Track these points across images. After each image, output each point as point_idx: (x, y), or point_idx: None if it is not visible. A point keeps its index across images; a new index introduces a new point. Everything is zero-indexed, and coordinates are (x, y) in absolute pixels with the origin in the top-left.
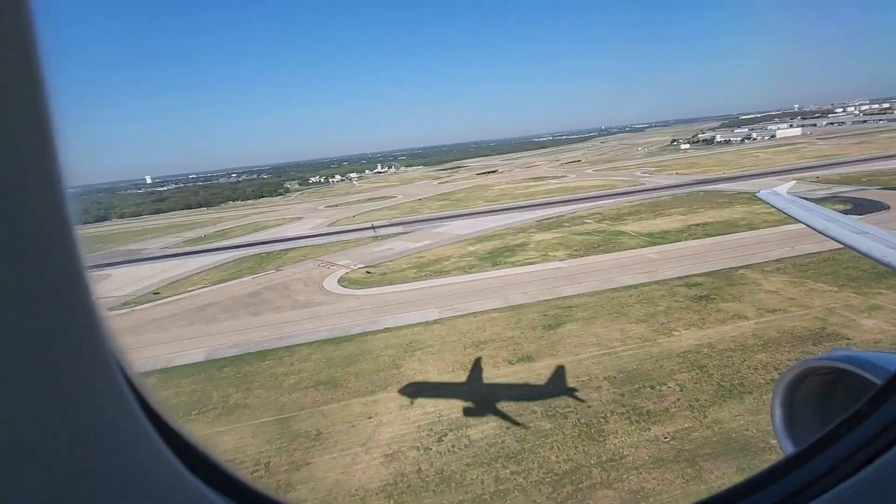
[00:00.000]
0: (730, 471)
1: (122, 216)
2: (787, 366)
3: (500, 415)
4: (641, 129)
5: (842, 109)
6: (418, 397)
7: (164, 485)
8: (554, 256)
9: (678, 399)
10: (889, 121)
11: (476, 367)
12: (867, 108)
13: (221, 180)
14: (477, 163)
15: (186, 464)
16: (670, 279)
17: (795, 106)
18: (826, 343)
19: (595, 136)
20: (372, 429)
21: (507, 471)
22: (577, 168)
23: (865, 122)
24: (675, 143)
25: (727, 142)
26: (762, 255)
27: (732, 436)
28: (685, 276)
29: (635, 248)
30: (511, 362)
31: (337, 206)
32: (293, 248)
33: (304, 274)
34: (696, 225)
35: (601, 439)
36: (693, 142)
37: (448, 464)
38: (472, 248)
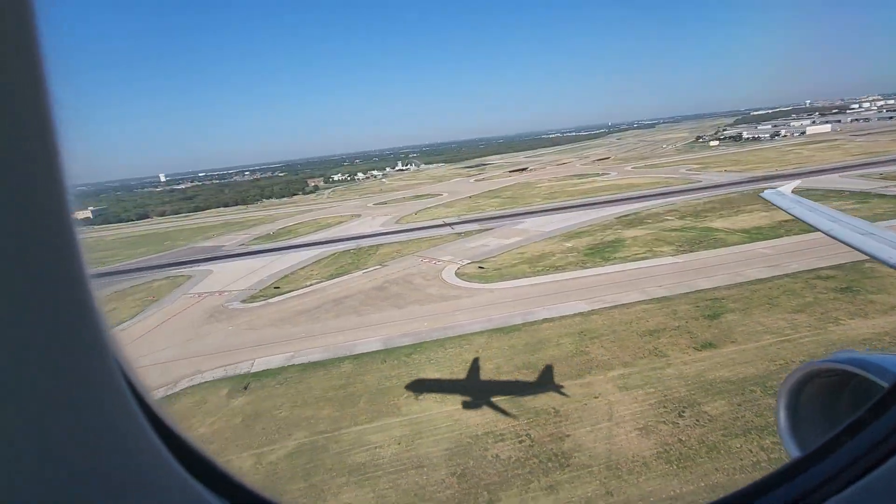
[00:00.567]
0: None
1: (161, 214)
2: None
3: (727, 394)
4: (651, 126)
5: (857, 105)
6: (627, 379)
7: (163, 486)
8: (661, 252)
9: None
10: None
11: (661, 353)
12: (882, 103)
13: (236, 178)
14: (499, 160)
15: (185, 465)
16: (798, 272)
17: (807, 102)
18: None
19: (605, 133)
20: (606, 406)
21: (768, 441)
22: (610, 165)
23: (892, 118)
24: (699, 139)
25: (755, 138)
26: None
27: None
28: (812, 270)
29: (739, 243)
30: (696, 349)
31: (386, 203)
32: (379, 245)
33: (414, 269)
34: (785, 221)
35: None
36: (719, 138)
37: (704, 435)
38: (569, 245)
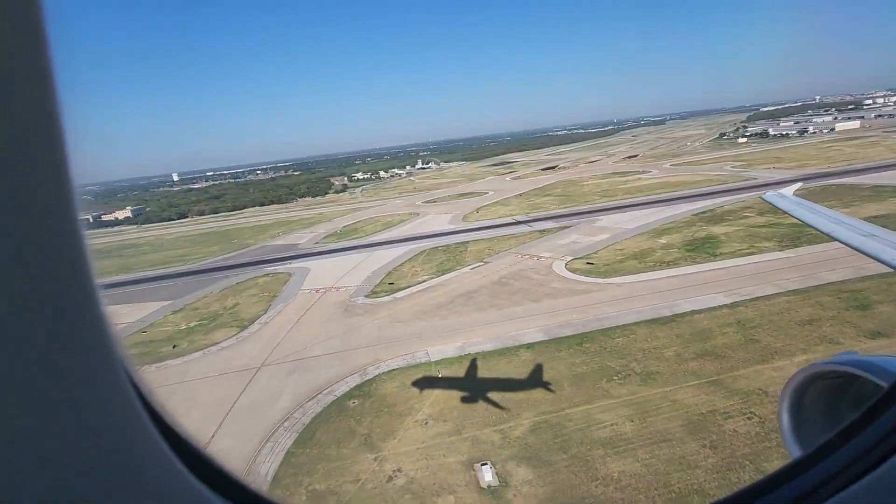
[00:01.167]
0: None
1: (200, 213)
2: None
3: None
4: (660, 122)
5: (870, 101)
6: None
7: (166, 486)
8: (765, 248)
9: None
10: None
11: (833, 341)
12: None
13: (250, 177)
14: (521, 158)
15: (188, 465)
16: None
17: (817, 97)
18: None
19: (614, 130)
20: None
21: None
22: (645, 163)
23: None
24: (723, 136)
25: (784, 135)
26: None
27: None
28: None
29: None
30: (867, 336)
31: (435, 202)
32: (465, 243)
33: (519, 265)
34: (876, 217)
35: None
36: (744, 135)
37: None
38: (663, 241)
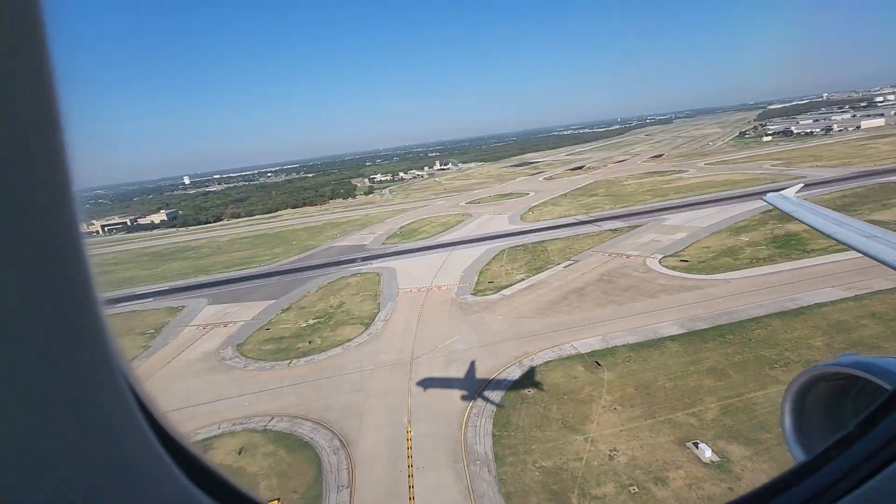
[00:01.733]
0: None
1: (236, 216)
2: None
3: None
4: (667, 121)
5: (881, 98)
6: None
7: (161, 490)
8: None
9: None
10: None
11: None
12: None
13: (261, 179)
14: (542, 158)
15: (183, 469)
16: None
17: (824, 94)
18: None
19: (623, 129)
20: None
21: None
22: (676, 162)
23: None
24: (744, 134)
25: (809, 133)
26: None
27: None
28: None
29: None
30: None
31: (479, 202)
32: (541, 242)
33: (613, 263)
34: None
35: None
36: (767, 133)
37: None
38: (746, 239)
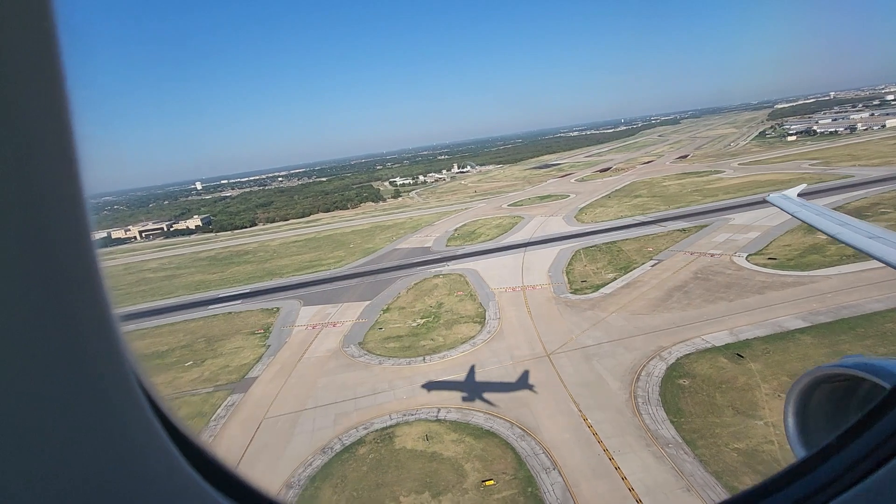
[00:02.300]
0: None
1: (270, 220)
2: None
3: None
4: (675, 121)
5: (893, 96)
6: None
7: (175, 488)
8: None
9: None
10: None
11: None
12: None
13: (274, 184)
14: (561, 160)
15: (196, 467)
16: None
17: (831, 93)
18: None
19: (632, 129)
20: None
21: None
22: (705, 163)
23: None
24: (765, 134)
25: (834, 132)
26: None
27: None
28: None
29: None
30: None
31: (522, 204)
32: (612, 243)
33: (701, 262)
34: None
35: None
36: (789, 133)
37: None
38: (825, 236)
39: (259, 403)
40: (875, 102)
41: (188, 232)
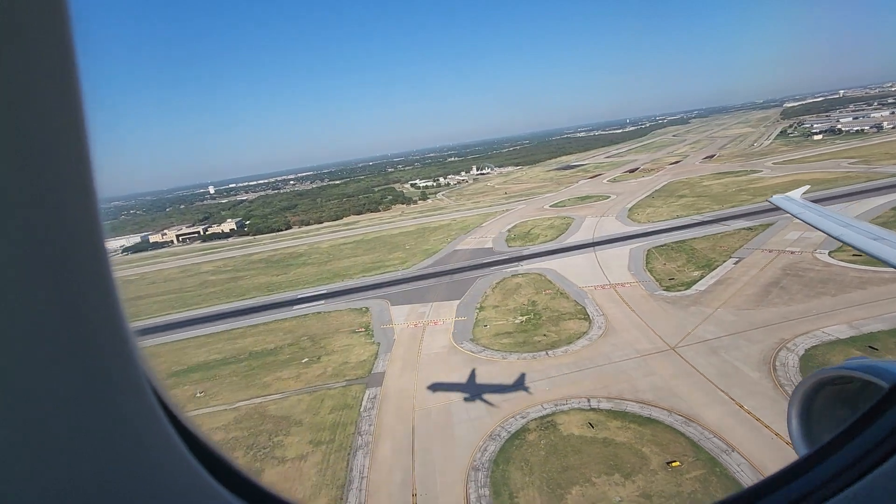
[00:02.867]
0: None
1: (305, 223)
2: None
3: None
4: (684, 121)
5: None
6: None
7: (185, 487)
8: None
9: None
10: None
11: None
12: None
13: (286, 188)
14: (582, 161)
15: (205, 466)
16: None
17: (840, 91)
18: None
19: (643, 129)
20: None
21: None
22: (735, 163)
23: None
24: (786, 133)
25: (860, 131)
26: None
27: None
28: None
29: None
30: None
31: (563, 206)
32: (680, 242)
33: (783, 259)
34: None
35: None
36: (813, 132)
37: None
38: None
39: (401, 396)
40: (890, 100)
41: (224, 235)
